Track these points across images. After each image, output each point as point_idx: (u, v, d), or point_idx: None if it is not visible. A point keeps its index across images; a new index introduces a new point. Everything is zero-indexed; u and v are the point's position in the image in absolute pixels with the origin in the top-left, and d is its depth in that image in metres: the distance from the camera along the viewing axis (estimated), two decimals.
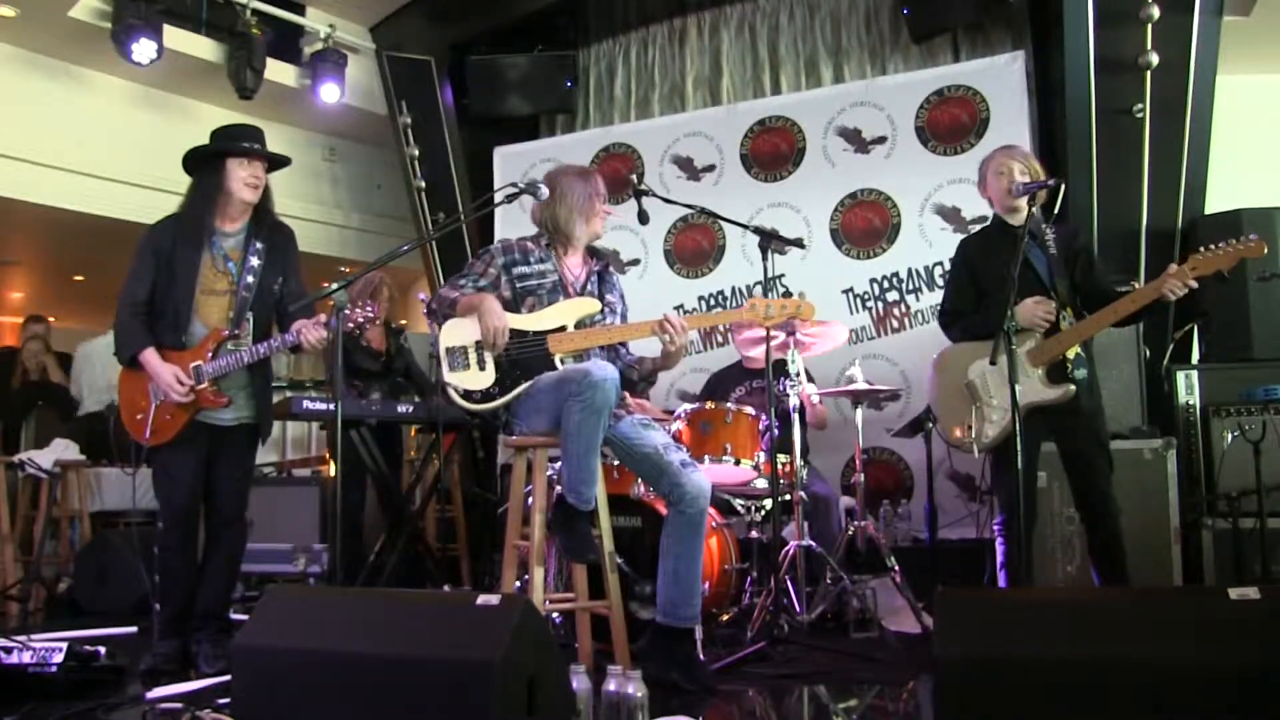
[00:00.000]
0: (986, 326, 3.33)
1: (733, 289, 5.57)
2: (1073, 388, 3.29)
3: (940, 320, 3.73)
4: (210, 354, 3.33)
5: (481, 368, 3.00)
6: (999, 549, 3.44)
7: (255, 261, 3.45)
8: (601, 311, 3.15)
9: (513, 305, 3.06)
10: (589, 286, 3.19)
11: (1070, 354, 3.32)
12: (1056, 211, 3.90)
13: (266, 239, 3.50)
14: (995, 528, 3.49)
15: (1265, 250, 3.09)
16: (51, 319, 6.83)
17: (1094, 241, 4.54)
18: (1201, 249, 3.17)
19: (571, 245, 3.19)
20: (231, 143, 3.45)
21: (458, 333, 3.04)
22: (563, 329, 3.04)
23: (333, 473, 3.98)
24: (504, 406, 3.03)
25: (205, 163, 3.46)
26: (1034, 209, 3.33)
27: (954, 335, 3.63)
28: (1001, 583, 3.42)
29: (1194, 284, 3.15)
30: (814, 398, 4.35)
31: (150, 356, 3.31)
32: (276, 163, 3.56)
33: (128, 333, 3.36)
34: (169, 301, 3.37)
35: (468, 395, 3.00)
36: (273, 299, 3.51)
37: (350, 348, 4.90)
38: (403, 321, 5.23)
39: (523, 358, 3.00)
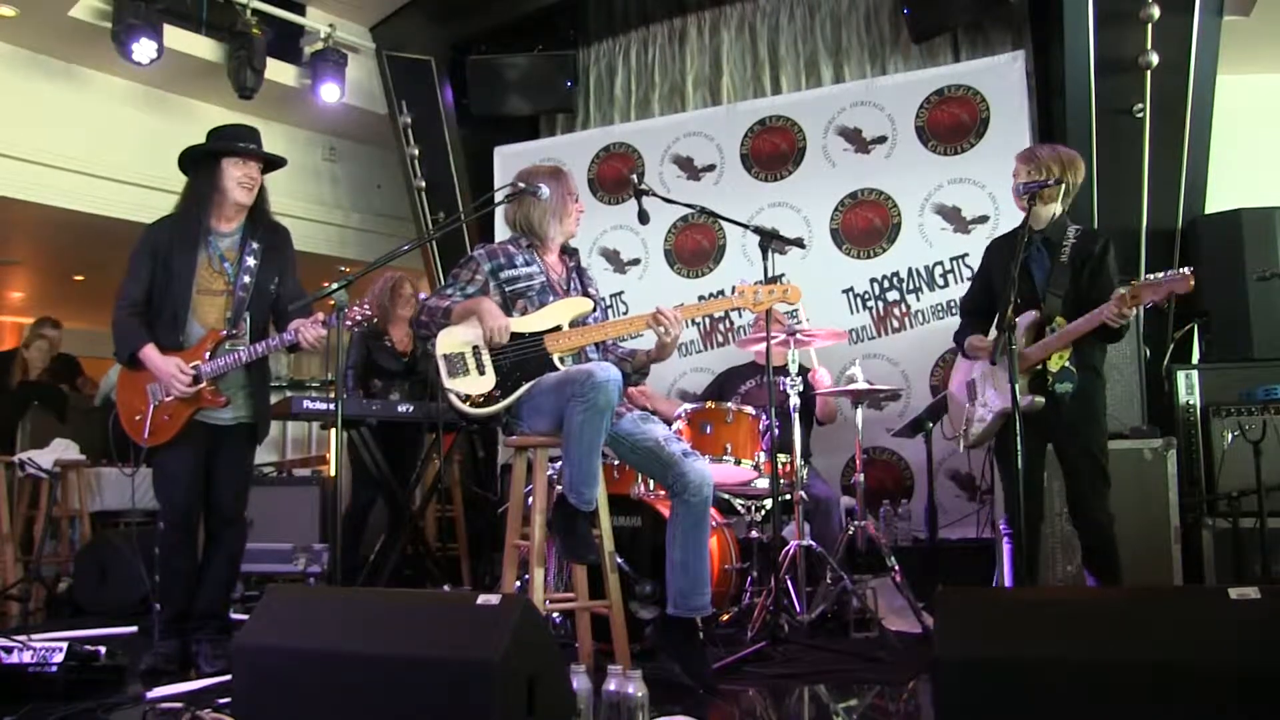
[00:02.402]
0: (965, 331, 3.54)
1: (733, 289, 5.54)
2: (1041, 400, 3.25)
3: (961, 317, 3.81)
4: (208, 354, 3.34)
5: (481, 372, 2.99)
6: (1005, 547, 3.45)
7: (251, 261, 3.45)
8: (595, 309, 3.16)
9: (503, 309, 3.05)
10: (572, 284, 3.21)
11: (1055, 366, 3.27)
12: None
13: (262, 239, 3.50)
14: (1001, 526, 3.50)
15: (1192, 285, 3.00)
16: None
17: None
18: (1147, 276, 3.12)
19: (547, 245, 3.20)
20: (226, 143, 3.46)
21: (454, 339, 3.03)
22: (558, 329, 3.04)
23: (333, 473, 3.97)
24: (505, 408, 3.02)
25: (200, 163, 3.46)
26: (1033, 208, 3.32)
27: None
28: (1007, 580, 3.42)
29: (1130, 313, 3.08)
30: (825, 381, 4.37)
31: (150, 352, 3.31)
32: (273, 163, 3.56)
33: (126, 331, 3.36)
34: (166, 302, 3.37)
35: (469, 400, 2.99)
36: (269, 299, 3.52)
37: (372, 347, 4.90)
38: None
39: (522, 359, 3.00)
